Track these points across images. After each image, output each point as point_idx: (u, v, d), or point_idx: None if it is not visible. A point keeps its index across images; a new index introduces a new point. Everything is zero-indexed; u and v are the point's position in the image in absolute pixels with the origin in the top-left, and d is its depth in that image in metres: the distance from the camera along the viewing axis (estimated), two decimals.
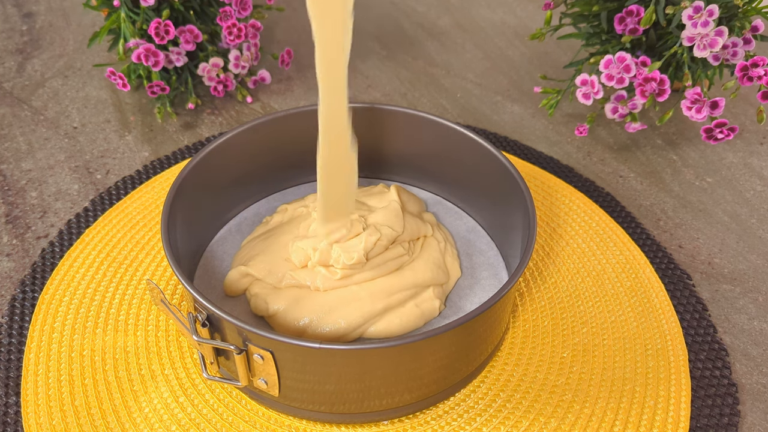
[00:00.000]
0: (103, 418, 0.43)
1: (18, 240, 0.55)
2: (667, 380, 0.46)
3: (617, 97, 0.61)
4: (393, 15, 0.87)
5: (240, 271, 0.48)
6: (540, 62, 0.79)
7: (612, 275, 0.53)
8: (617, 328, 0.49)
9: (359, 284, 0.47)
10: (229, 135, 0.50)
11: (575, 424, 0.43)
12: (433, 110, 0.71)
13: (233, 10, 0.64)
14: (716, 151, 0.66)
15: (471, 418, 0.44)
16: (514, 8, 0.89)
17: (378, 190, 0.54)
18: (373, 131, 0.54)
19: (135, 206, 0.57)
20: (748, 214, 0.60)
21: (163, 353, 0.47)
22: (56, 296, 0.50)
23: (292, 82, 0.74)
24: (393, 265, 0.48)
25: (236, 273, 0.48)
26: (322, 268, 0.47)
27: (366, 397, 0.40)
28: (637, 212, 0.59)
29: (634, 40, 0.63)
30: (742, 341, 0.50)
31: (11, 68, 0.75)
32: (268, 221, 0.54)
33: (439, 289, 0.49)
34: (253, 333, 0.37)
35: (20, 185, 0.61)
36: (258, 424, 0.43)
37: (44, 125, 0.67)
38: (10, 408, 0.44)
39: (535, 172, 0.62)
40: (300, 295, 0.47)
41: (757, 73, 0.55)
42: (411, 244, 0.50)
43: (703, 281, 0.54)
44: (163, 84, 0.65)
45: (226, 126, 0.68)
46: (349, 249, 0.47)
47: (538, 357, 0.47)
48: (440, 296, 0.48)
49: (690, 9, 0.54)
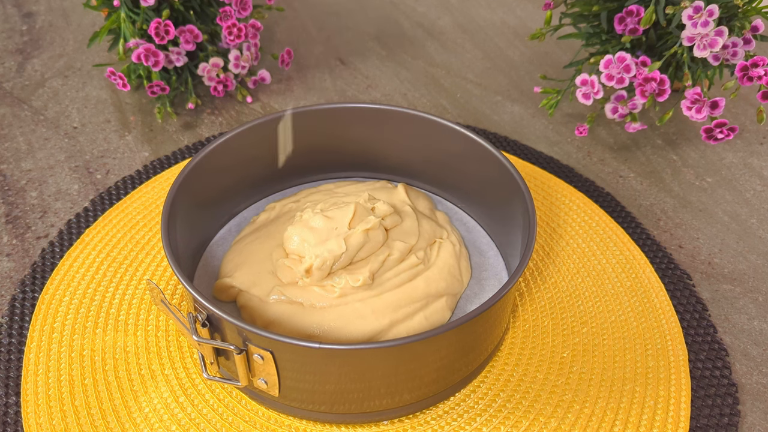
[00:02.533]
0: (103, 418, 0.43)
1: (18, 240, 0.55)
2: (667, 380, 0.46)
3: (617, 97, 0.61)
4: (393, 15, 0.87)
5: (224, 283, 0.47)
6: (540, 62, 0.79)
7: (612, 275, 0.53)
8: (617, 328, 0.49)
9: (363, 301, 0.44)
10: (229, 135, 0.50)
11: (575, 424, 0.43)
12: (433, 110, 0.71)
13: (233, 10, 0.64)
14: (716, 151, 0.66)
15: (471, 418, 0.44)
16: (514, 8, 0.89)
17: (381, 185, 0.54)
18: (373, 131, 0.54)
19: (135, 206, 0.57)
20: (748, 214, 0.60)
21: (163, 353, 0.47)
22: (56, 296, 0.50)
23: (292, 82, 0.74)
24: (406, 277, 0.46)
25: (221, 284, 0.47)
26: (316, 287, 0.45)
27: (366, 397, 0.40)
28: (637, 212, 0.59)
29: (634, 40, 0.63)
30: (742, 341, 0.50)
31: (11, 68, 0.75)
32: (254, 221, 0.53)
33: (453, 299, 0.47)
34: (253, 333, 0.37)
35: (20, 185, 0.61)
36: (258, 424, 0.43)
37: (44, 125, 0.67)
38: (10, 408, 0.44)
39: (535, 172, 0.62)
40: (292, 312, 0.44)
41: (757, 73, 0.55)
42: (427, 250, 0.48)
43: (703, 281, 0.54)
44: (163, 84, 0.65)
45: (226, 126, 0.68)
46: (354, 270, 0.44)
47: (538, 357, 0.47)
48: (452, 306, 0.47)
49: (690, 9, 0.54)
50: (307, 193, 0.55)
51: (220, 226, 0.54)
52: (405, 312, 0.45)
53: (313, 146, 0.55)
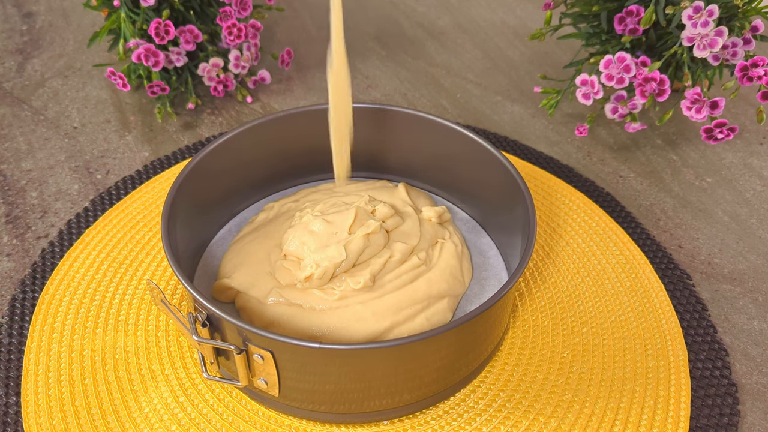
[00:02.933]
0: (103, 418, 0.43)
1: (18, 240, 0.55)
2: (667, 380, 0.46)
3: (617, 97, 0.61)
4: (393, 15, 0.87)
5: (222, 284, 0.47)
6: (540, 62, 0.79)
7: (612, 275, 0.53)
8: (617, 328, 0.49)
9: (363, 303, 0.44)
10: (229, 135, 0.50)
11: (575, 424, 0.43)
12: (433, 110, 0.71)
13: (233, 10, 0.64)
14: (716, 151, 0.66)
15: (471, 418, 0.44)
16: (514, 8, 0.89)
17: (381, 185, 0.54)
18: (373, 131, 0.54)
19: (135, 206, 0.57)
20: (748, 214, 0.60)
21: (163, 353, 0.47)
22: (56, 296, 0.50)
23: (292, 82, 0.74)
24: (407, 279, 0.45)
25: (219, 285, 0.47)
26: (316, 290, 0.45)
27: (366, 397, 0.40)
28: (637, 212, 0.59)
29: (634, 40, 0.63)
30: (742, 341, 0.50)
31: (11, 68, 0.75)
32: (253, 221, 0.53)
33: (454, 301, 0.47)
34: (253, 333, 0.37)
35: (20, 185, 0.61)
36: (258, 424, 0.43)
37: (44, 125, 0.67)
38: (10, 408, 0.44)
39: (535, 172, 0.62)
40: (291, 314, 0.44)
41: (757, 73, 0.55)
42: (429, 251, 0.48)
43: (703, 281, 0.54)
44: (163, 84, 0.65)
45: (226, 126, 0.68)
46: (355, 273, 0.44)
47: (538, 357, 0.47)
48: (453, 308, 0.47)
49: (690, 9, 0.54)
50: (306, 193, 0.55)
51: (221, 226, 0.54)
52: (406, 314, 0.44)
53: (313, 146, 0.55)
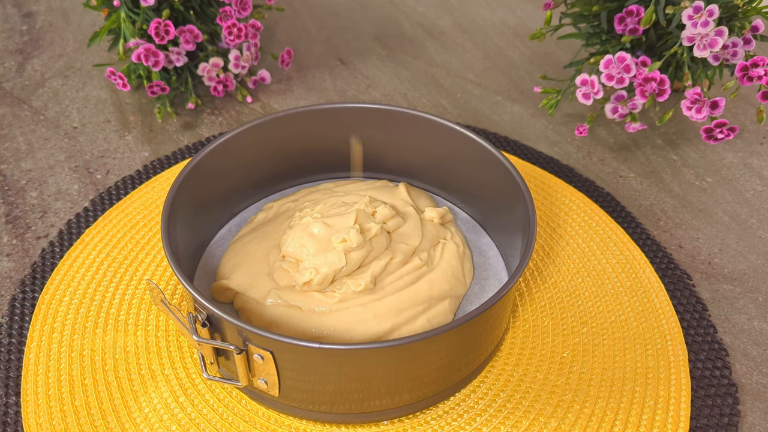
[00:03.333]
0: (103, 418, 0.43)
1: (18, 240, 0.55)
2: (667, 380, 0.46)
3: (617, 97, 0.61)
4: (393, 15, 0.87)
5: (221, 284, 0.47)
6: (540, 62, 0.79)
7: (612, 275, 0.53)
8: (617, 328, 0.49)
9: (364, 305, 0.44)
10: (229, 135, 0.50)
11: (575, 424, 0.43)
12: (433, 110, 0.71)
13: (233, 10, 0.64)
14: (716, 151, 0.66)
15: (471, 418, 0.44)
16: (514, 8, 0.89)
17: (381, 184, 0.54)
18: (373, 131, 0.54)
19: (135, 206, 0.57)
20: (748, 214, 0.60)
21: (163, 353, 0.47)
22: (56, 296, 0.50)
23: (292, 82, 0.74)
24: (409, 280, 0.45)
25: (218, 286, 0.47)
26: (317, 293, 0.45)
27: (366, 397, 0.40)
28: (637, 212, 0.59)
29: (634, 40, 0.63)
30: (742, 341, 0.50)
31: (11, 68, 0.75)
32: (252, 220, 0.53)
33: (455, 302, 0.47)
34: (253, 333, 0.37)
35: (20, 185, 0.61)
36: (258, 424, 0.43)
37: (44, 125, 0.67)
38: (10, 408, 0.44)
39: (535, 172, 0.62)
40: (290, 316, 0.44)
41: (757, 73, 0.55)
42: (430, 251, 0.48)
43: (703, 281, 0.54)
44: (163, 84, 0.65)
45: (226, 126, 0.68)
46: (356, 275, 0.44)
47: (538, 357, 0.47)
48: (455, 309, 0.46)
49: (690, 9, 0.54)
50: (306, 192, 0.55)
51: (220, 226, 0.54)
52: (407, 315, 0.44)
53: (313, 146, 0.55)
